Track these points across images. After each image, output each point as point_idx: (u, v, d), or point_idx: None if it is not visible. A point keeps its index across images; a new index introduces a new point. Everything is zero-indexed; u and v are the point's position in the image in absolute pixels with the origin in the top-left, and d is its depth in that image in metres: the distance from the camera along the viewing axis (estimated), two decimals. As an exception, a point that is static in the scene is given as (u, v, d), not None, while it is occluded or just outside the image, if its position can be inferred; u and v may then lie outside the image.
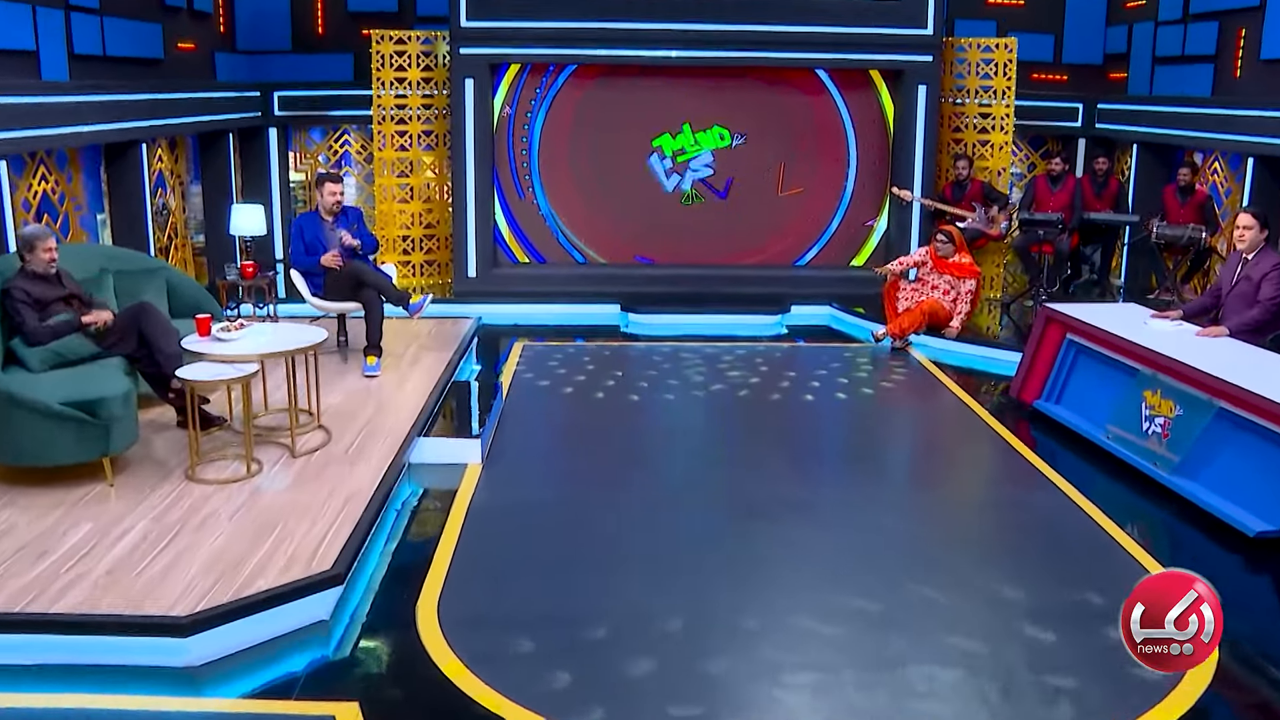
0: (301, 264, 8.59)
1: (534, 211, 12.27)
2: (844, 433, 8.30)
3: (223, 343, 6.57)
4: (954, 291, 10.39)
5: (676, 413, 8.33)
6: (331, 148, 14.15)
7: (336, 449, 6.75)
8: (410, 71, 12.07)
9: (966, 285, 10.34)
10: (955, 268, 10.38)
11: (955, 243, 10.40)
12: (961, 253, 10.44)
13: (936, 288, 10.46)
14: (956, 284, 10.40)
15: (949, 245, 10.37)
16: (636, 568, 5.58)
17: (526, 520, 6.26)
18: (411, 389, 7.97)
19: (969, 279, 10.34)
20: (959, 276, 10.35)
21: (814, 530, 6.08)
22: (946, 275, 10.39)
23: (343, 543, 5.38)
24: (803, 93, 12.04)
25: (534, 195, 12.23)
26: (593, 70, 11.94)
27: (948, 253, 10.39)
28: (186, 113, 11.19)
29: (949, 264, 10.40)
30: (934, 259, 10.50)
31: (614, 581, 5.43)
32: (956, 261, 10.41)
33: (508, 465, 7.11)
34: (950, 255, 10.41)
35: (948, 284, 10.43)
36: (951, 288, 10.41)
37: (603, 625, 4.96)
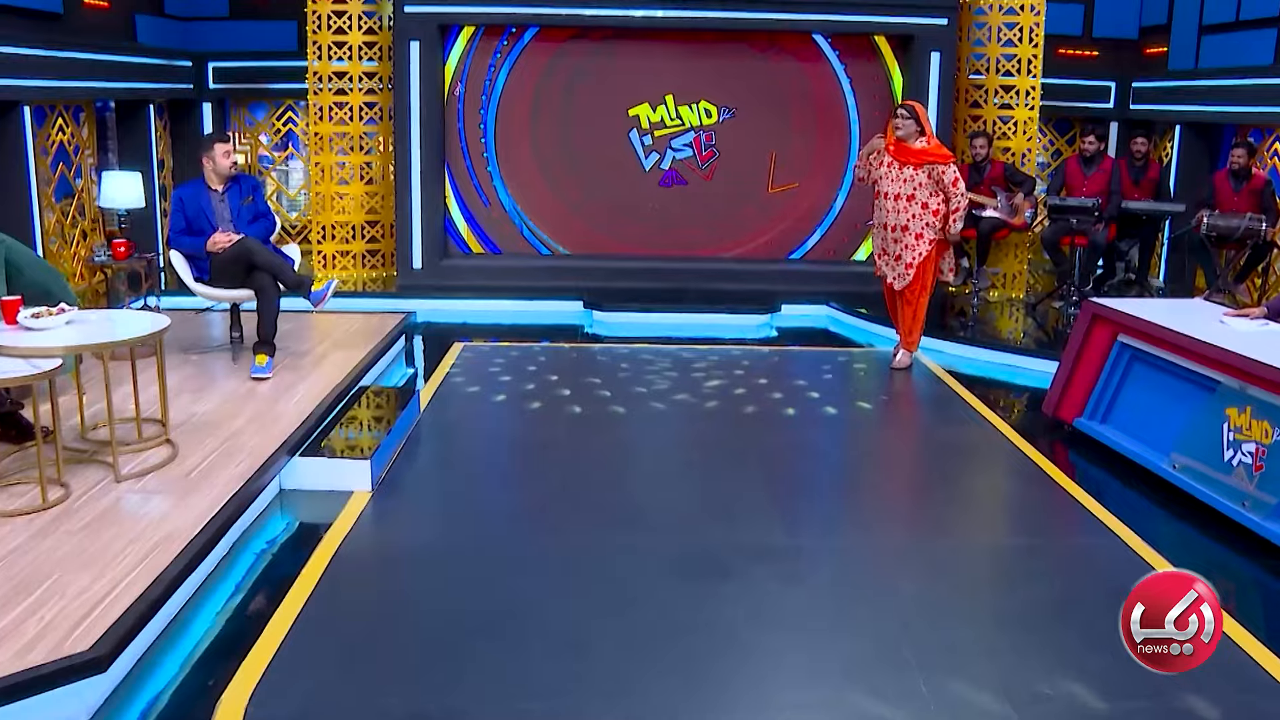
0: (183, 245, 7.08)
1: (490, 195, 10.73)
2: (838, 458, 6.65)
3: (29, 332, 5.04)
4: (934, 201, 7.79)
5: (629, 430, 6.74)
6: (275, 126, 12.67)
7: (176, 471, 5.23)
8: (351, 35, 10.58)
9: (949, 174, 7.76)
10: (927, 154, 7.80)
11: (919, 118, 7.84)
12: (927, 131, 7.90)
13: (914, 213, 7.78)
14: (933, 180, 7.76)
15: (911, 121, 7.78)
16: (544, 655, 4.00)
17: (406, 575, 4.73)
18: (301, 396, 6.44)
19: (948, 166, 7.79)
20: (935, 163, 7.76)
21: (798, 595, 4.50)
22: (919, 170, 7.77)
23: (125, 607, 3.85)
24: (798, 61, 10.51)
25: (490, 177, 10.69)
26: (558, 33, 10.41)
27: (909, 133, 7.79)
28: (89, 76, 9.70)
29: (916, 150, 7.80)
30: (894, 148, 7.89)
31: (510, 672, 3.87)
32: (924, 148, 7.81)
33: (403, 496, 5.57)
34: (914, 137, 7.81)
35: (925, 190, 7.76)
36: (931, 194, 7.78)
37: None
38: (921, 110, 7.92)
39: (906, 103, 8.01)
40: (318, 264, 10.93)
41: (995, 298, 10.53)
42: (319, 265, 10.92)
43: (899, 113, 7.86)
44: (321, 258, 10.92)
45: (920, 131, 7.81)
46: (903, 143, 7.80)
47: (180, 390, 6.47)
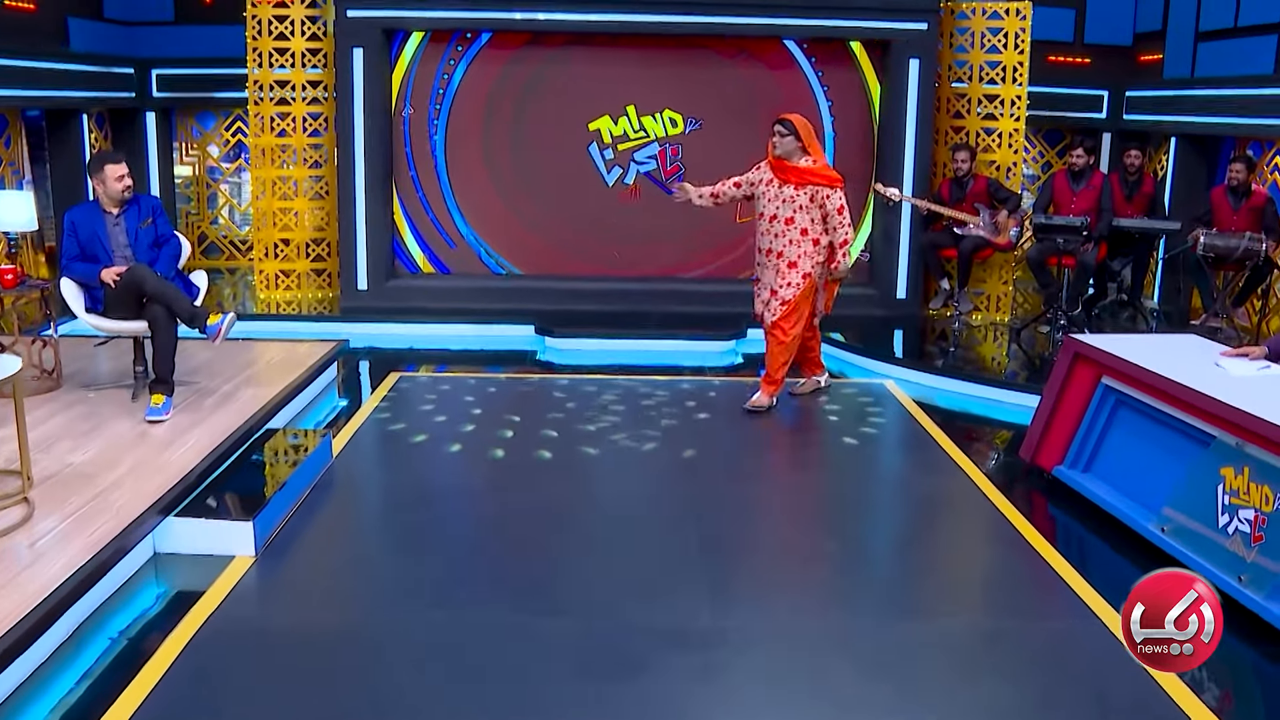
0: (76, 273, 6.42)
1: (440, 212, 10.08)
2: (787, 516, 5.83)
3: None
4: (816, 228, 6.97)
5: (558, 480, 6.01)
6: (224, 136, 12.06)
7: (23, 538, 4.56)
8: (294, 40, 9.95)
9: (834, 200, 6.95)
10: (811, 174, 6.94)
11: (798, 134, 6.96)
12: (811, 148, 7.01)
13: (792, 238, 6.94)
14: (816, 205, 6.93)
15: (790, 138, 6.92)
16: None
17: (274, 661, 4.07)
18: (195, 441, 5.78)
19: (834, 190, 6.97)
20: (819, 184, 6.92)
21: (714, 696, 3.84)
22: (800, 191, 6.94)
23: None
24: (769, 68, 9.87)
25: (440, 192, 10.05)
26: (512, 39, 9.78)
27: (788, 150, 6.95)
28: (11, 84, 9.07)
29: (798, 169, 6.94)
30: (773, 166, 7.08)
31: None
32: (809, 167, 6.96)
33: (292, 563, 4.91)
34: (795, 155, 6.97)
35: (806, 214, 6.92)
36: (813, 220, 6.95)
37: None
38: (804, 125, 7.01)
39: (784, 116, 7.07)
40: (260, 284, 10.29)
41: (978, 321, 9.90)
42: (261, 285, 10.29)
43: (775, 127, 7.00)
44: (264, 277, 10.28)
45: (802, 149, 6.97)
46: (783, 160, 6.99)
47: (63, 435, 5.82)
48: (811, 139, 7.03)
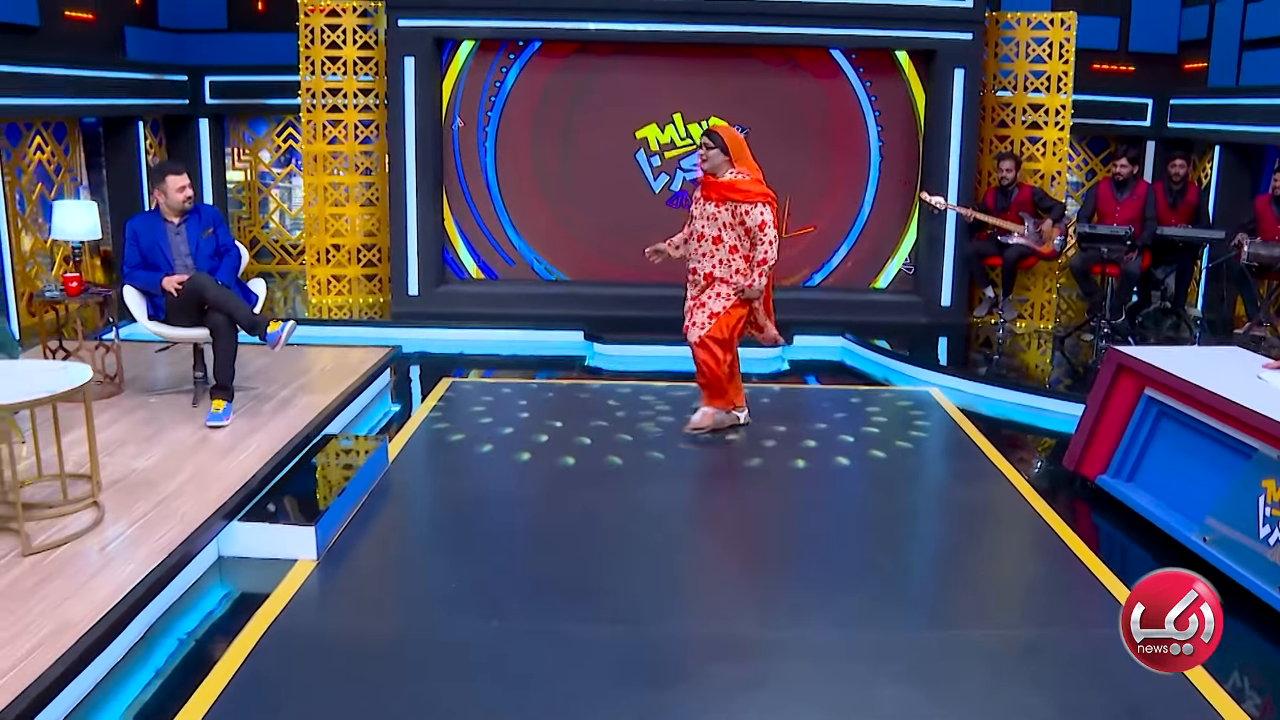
0: (138, 281, 6.61)
1: (489, 218, 10.23)
2: (832, 524, 5.89)
3: (-68, 388, 4.59)
4: (744, 245, 6.59)
5: (606, 488, 6.11)
6: (275, 142, 12.27)
7: (94, 542, 4.73)
8: (346, 49, 10.13)
9: (754, 215, 6.47)
10: (732, 189, 6.52)
11: (725, 146, 6.57)
12: (741, 163, 6.58)
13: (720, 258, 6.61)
14: (738, 221, 6.53)
15: (716, 151, 6.52)
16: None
17: (335, 666, 4.20)
18: (255, 447, 5.95)
19: (754, 205, 6.50)
20: (737, 200, 6.50)
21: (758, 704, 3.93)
22: (722, 208, 6.55)
23: (-15, 725, 3.37)
24: (815, 77, 9.95)
25: (489, 198, 10.19)
26: (561, 48, 9.91)
27: (716, 164, 6.55)
28: (68, 93, 9.30)
29: (720, 184, 6.55)
30: (705, 184, 6.69)
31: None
32: (731, 180, 6.56)
33: (351, 568, 5.06)
34: (723, 169, 6.57)
35: (730, 232, 6.56)
36: (739, 237, 6.57)
37: None
38: (730, 136, 6.60)
39: (712, 128, 6.67)
40: (312, 288, 10.48)
41: (1022, 329, 9.92)
42: (313, 290, 10.48)
43: (702, 140, 6.63)
44: (316, 282, 10.47)
45: (730, 162, 6.54)
46: (710, 175, 6.63)
47: (126, 440, 6.00)
48: (741, 151, 6.59)
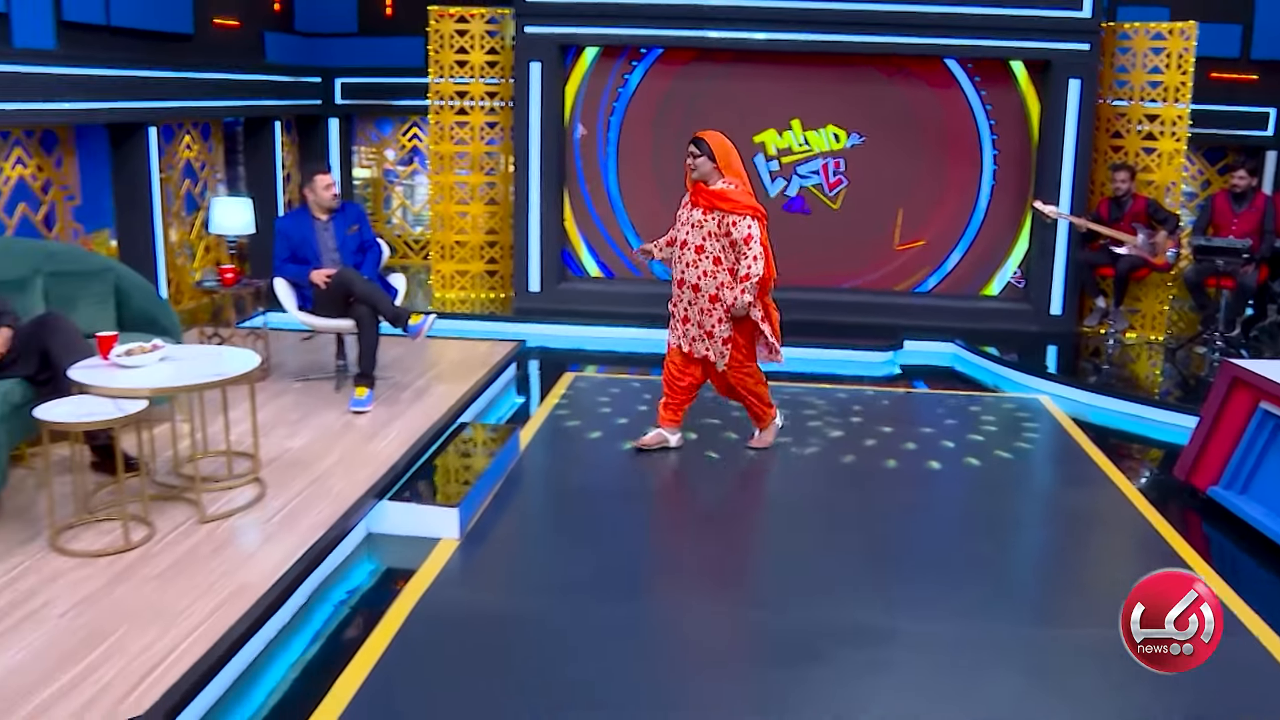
0: (287, 274, 7.06)
1: (608, 219, 10.56)
2: (948, 523, 6.10)
3: (119, 370, 5.02)
4: (729, 258, 6.29)
5: (730, 482, 6.47)
6: (400, 141, 12.74)
7: (260, 513, 5.15)
8: (473, 54, 10.53)
9: (741, 227, 6.19)
10: (720, 198, 6.24)
11: (714, 154, 6.31)
12: (730, 172, 6.31)
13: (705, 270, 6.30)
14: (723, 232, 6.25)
15: (703, 158, 6.26)
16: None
17: (482, 638, 4.54)
18: (397, 432, 6.34)
19: (742, 217, 6.22)
20: (723, 210, 6.22)
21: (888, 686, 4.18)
22: (709, 216, 6.27)
23: (185, 669, 3.76)
24: (930, 86, 10.10)
25: (608, 199, 10.52)
26: (681, 55, 10.20)
27: (704, 172, 6.29)
28: (217, 96, 9.84)
29: (708, 191, 6.28)
30: (693, 191, 6.38)
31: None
32: (720, 190, 6.28)
33: (491, 548, 5.41)
34: (712, 177, 6.31)
35: (715, 242, 6.26)
36: (725, 249, 6.28)
37: None
38: (720, 144, 6.31)
39: (700, 135, 6.36)
40: (436, 283, 10.90)
41: (1132, 340, 9.96)
42: (437, 285, 10.90)
43: (689, 147, 6.37)
44: (440, 277, 10.90)
45: (719, 170, 6.28)
46: (699, 183, 6.36)
47: (278, 422, 6.43)
48: (730, 160, 6.31)
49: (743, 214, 6.20)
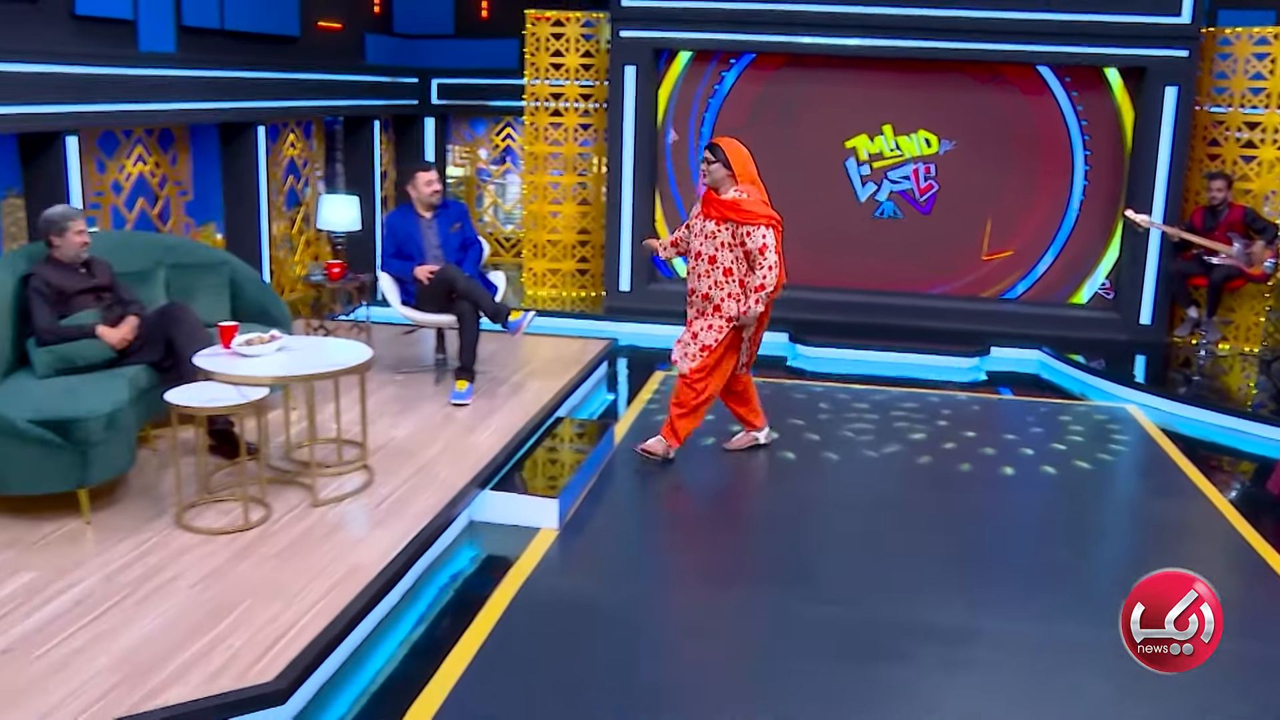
0: (393, 269, 7.31)
1: (698, 220, 10.69)
2: (1033, 528, 6.15)
3: (241, 359, 5.28)
4: (741, 269, 6.23)
5: (818, 481, 6.59)
6: (493, 141, 13.01)
7: (370, 499, 5.38)
8: (568, 57, 10.75)
9: (755, 238, 6.12)
10: (734, 208, 6.15)
11: (728, 162, 6.17)
12: (744, 180, 6.21)
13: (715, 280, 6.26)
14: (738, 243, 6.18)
15: (717, 165, 6.16)
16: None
17: (581, 624, 4.74)
18: (496, 425, 6.54)
19: (757, 227, 6.15)
20: (736, 221, 6.14)
21: (968, 686, 4.29)
22: (722, 227, 6.20)
23: (307, 641, 3.98)
24: (1022, 93, 10.10)
25: (699, 202, 10.65)
26: (773, 60, 10.32)
27: (717, 179, 6.19)
28: (321, 96, 10.16)
29: (721, 201, 6.19)
30: (705, 201, 6.33)
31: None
32: (733, 199, 6.18)
33: (587, 538, 5.60)
34: (724, 185, 6.20)
35: (727, 252, 6.19)
36: (736, 259, 6.21)
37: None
38: (735, 151, 6.21)
39: (715, 141, 6.29)
40: (528, 280, 11.12)
41: (1225, 351, 9.88)
42: (529, 282, 11.12)
43: (704, 154, 6.29)
44: (532, 275, 11.12)
45: (732, 178, 6.19)
46: (712, 191, 6.32)
47: (381, 412, 6.67)
48: (745, 167, 6.20)
49: (757, 224, 6.12)
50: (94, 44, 7.34)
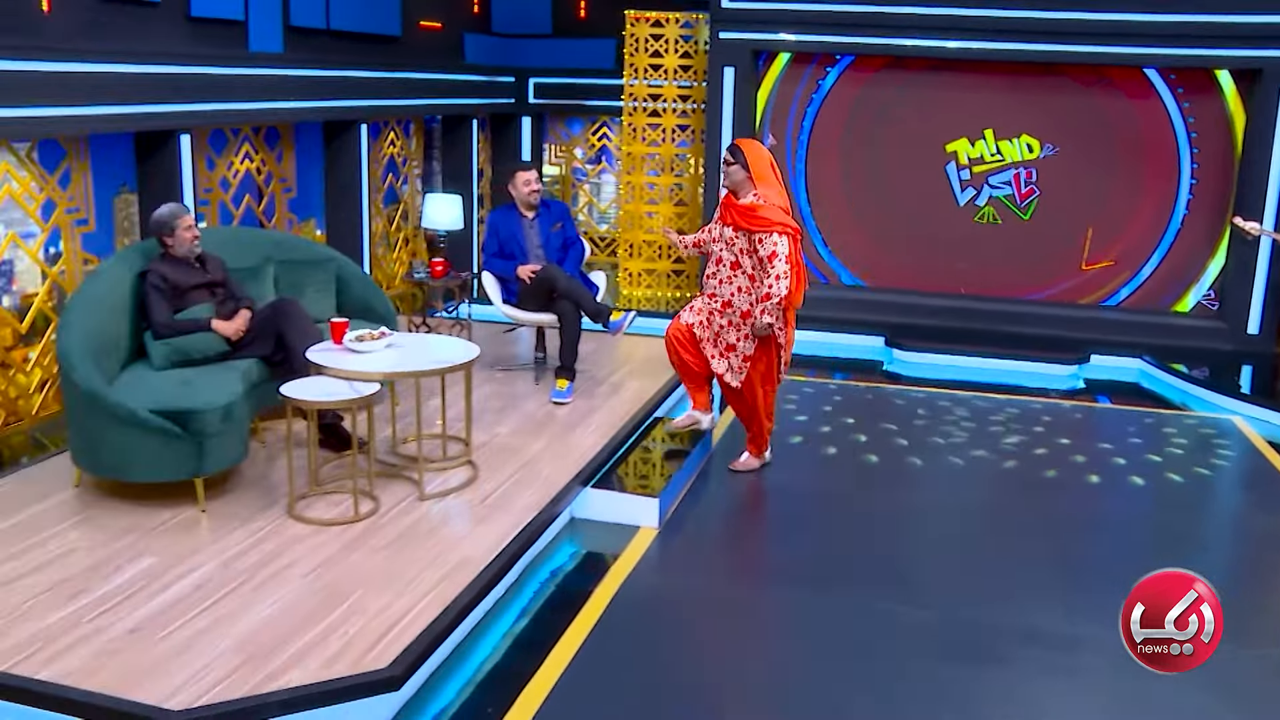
0: (495, 268, 7.40)
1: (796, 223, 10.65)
2: (1135, 538, 6.03)
3: (352, 355, 5.39)
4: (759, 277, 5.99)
5: (915, 486, 6.56)
6: (589, 140, 13.09)
7: (475, 494, 5.47)
8: (667, 58, 10.79)
9: (767, 245, 5.87)
10: (750, 214, 5.94)
11: (748, 165, 6.00)
12: (763, 183, 5.99)
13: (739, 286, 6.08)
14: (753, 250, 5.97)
15: (736, 167, 5.99)
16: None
17: (681, 622, 4.82)
18: (596, 424, 6.60)
19: (769, 234, 5.89)
20: (751, 229, 5.92)
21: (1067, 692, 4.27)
22: (739, 234, 6.00)
23: (419, 630, 4.07)
24: (1127, 97, 9.92)
25: (796, 206, 10.63)
26: (873, 62, 10.26)
27: (736, 182, 6.01)
28: (422, 95, 10.33)
29: (739, 207, 6.00)
30: (724, 206, 6.15)
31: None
32: (749, 205, 5.97)
33: (686, 537, 5.64)
34: (743, 189, 6.01)
35: (747, 258, 6.01)
36: (756, 265, 5.99)
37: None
38: (755, 154, 6.04)
39: (736, 142, 6.15)
40: (624, 280, 11.19)
41: (1336, 360, 9.63)
42: (625, 282, 11.18)
43: (724, 155, 6.17)
44: (627, 275, 11.19)
45: (751, 181, 5.98)
46: (731, 195, 6.13)
47: (484, 409, 6.76)
48: (764, 171, 6.00)
49: (770, 230, 5.89)
50: (208, 45, 7.54)
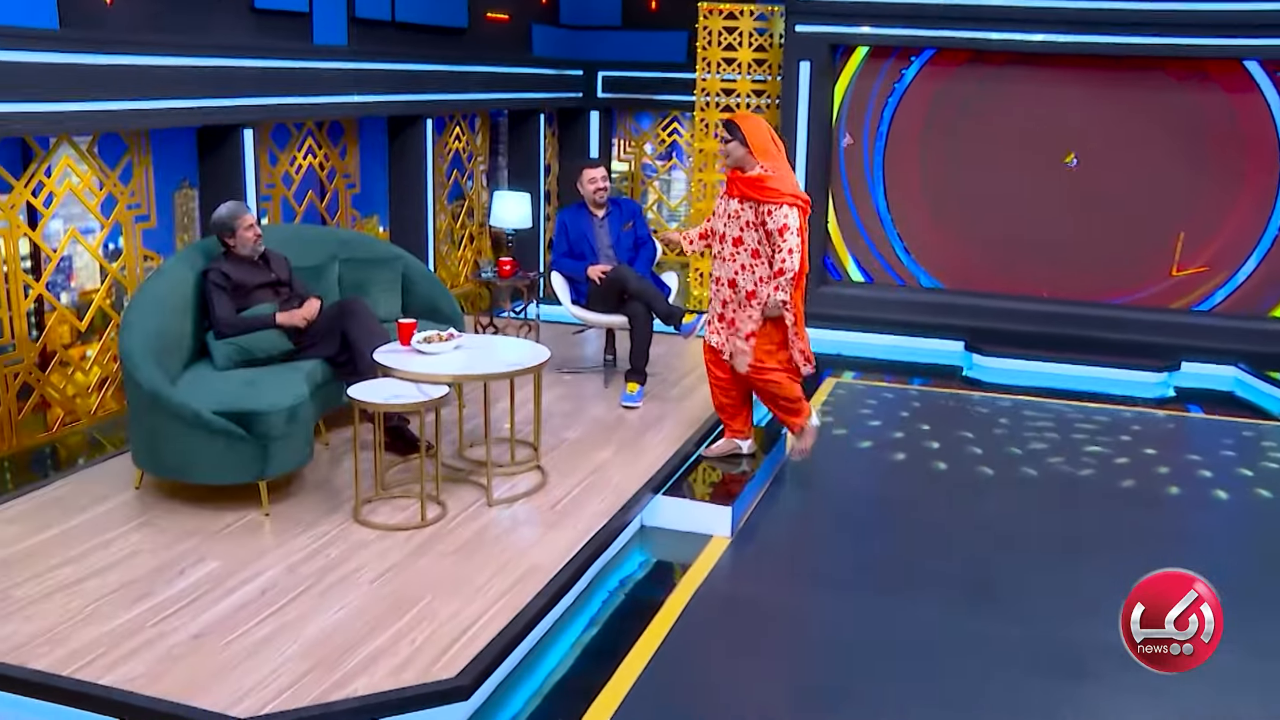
0: (564, 268, 7.21)
1: (870, 223, 10.39)
2: (1229, 556, 5.69)
3: (420, 357, 5.23)
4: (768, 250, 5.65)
5: (997, 496, 6.27)
6: (659, 136, 12.88)
7: (544, 500, 5.30)
8: (741, 51, 10.53)
9: (777, 217, 5.54)
10: (758, 185, 5.60)
11: (744, 138, 5.64)
12: (765, 156, 5.64)
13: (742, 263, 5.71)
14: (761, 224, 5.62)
15: (734, 143, 5.66)
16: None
17: (755, 632, 4.61)
18: (668, 430, 6.40)
19: (779, 206, 5.56)
20: (758, 199, 5.58)
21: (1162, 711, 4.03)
22: (745, 206, 5.66)
23: (489, 639, 3.91)
24: (1224, 90, 9.48)
25: (872, 203, 10.35)
26: (954, 56, 9.93)
27: (736, 158, 5.69)
28: (488, 88, 10.18)
29: (745, 179, 5.65)
30: (730, 179, 5.82)
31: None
32: (756, 176, 5.62)
33: (760, 545, 5.44)
34: (746, 164, 5.68)
35: (752, 233, 5.65)
36: (761, 240, 5.64)
37: None
38: (753, 127, 5.69)
39: (730, 118, 5.79)
40: (694, 281, 10.97)
41: None
42: (695, 282, 10.96)
43: (717, 134, 5.67)
44: (698, 275, 10.97)
45: (751, 154, 5.63)
46: (735, 171, 5.79)
47: (552, 412, 6.58)
48: (765, 144, 5.67)
49: (780, 202, 5.55)
50: (272, 37, 7.43)
